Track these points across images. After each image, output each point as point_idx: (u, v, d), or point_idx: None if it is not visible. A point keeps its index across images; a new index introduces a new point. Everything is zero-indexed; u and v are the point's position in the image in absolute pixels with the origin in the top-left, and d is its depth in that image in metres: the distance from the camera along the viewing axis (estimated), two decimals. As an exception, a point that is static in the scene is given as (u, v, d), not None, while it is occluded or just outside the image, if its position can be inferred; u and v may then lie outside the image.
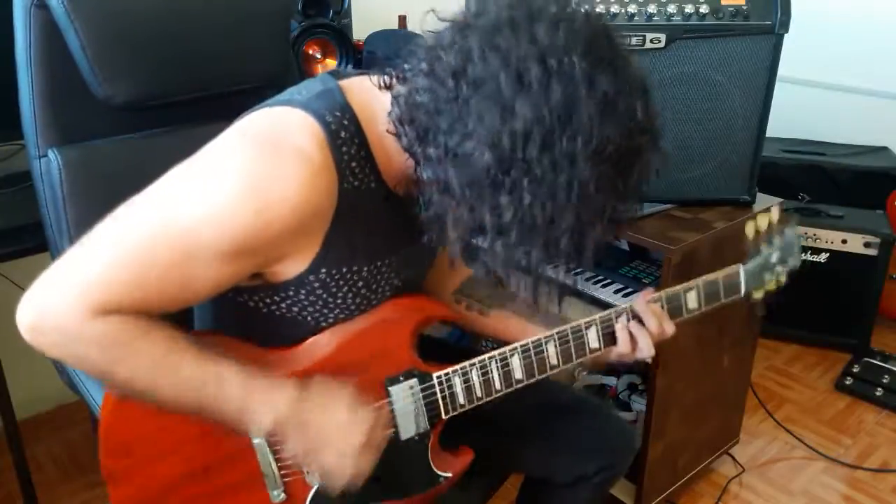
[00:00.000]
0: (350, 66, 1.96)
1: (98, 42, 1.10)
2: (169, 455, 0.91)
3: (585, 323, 1.04)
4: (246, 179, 0.78)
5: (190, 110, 1.24)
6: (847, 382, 2.33)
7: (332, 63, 1.98)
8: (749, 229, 1.12)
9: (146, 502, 0.92)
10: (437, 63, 0.78)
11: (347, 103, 0.86)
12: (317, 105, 0.84)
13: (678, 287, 1.08)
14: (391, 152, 0.87)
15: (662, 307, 1.07)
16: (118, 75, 1.13)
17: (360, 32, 2.07)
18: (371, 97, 0.87)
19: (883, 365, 2.39)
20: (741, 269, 1.10)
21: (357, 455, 0.89)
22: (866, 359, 2.42)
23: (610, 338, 1.05)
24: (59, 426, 2.14)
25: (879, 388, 2.29)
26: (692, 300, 1.08)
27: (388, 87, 0.86)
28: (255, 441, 0.93)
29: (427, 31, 0.83)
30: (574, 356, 1.04)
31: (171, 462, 0.91)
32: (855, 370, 2.38)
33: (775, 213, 1.13)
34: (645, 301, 1.06)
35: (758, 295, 1.13)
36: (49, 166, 1.13)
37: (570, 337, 1.03)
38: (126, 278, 0.78)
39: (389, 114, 0.83)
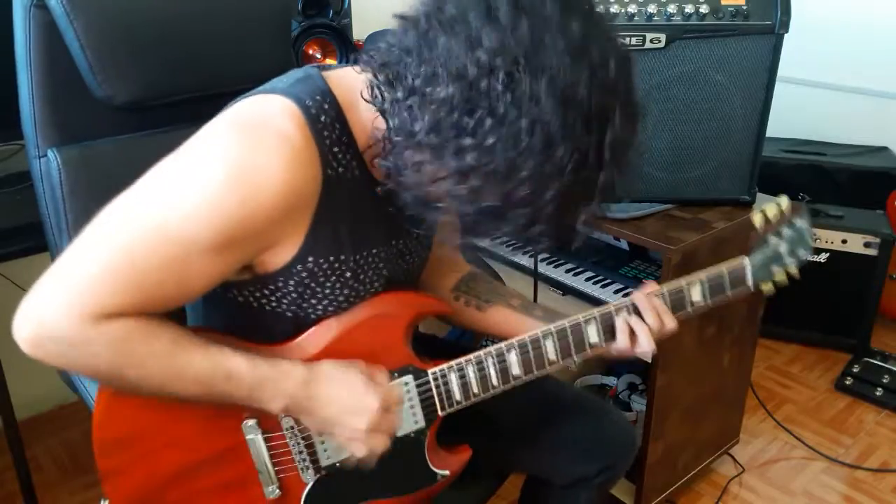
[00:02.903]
0: (350, 66, 1.95)
1: (97, 42, 1.10)
2: (163, 451, 0.91)
3: (585, 318, 1.02)
4: (229, 168, 0.78)
5: (190, 110, 1.23)
6: (847, 382, 2.33)
7: (331, 63, 1.98)
8: (757, 219, 1.08)
9: (141, 499, 0.92)
10: (411, 11, 0.78)
11: (328, 89, 0.86)
12: (296, 90, 0.84)
13: (681, 280, 1.05)
14: (373, 137, 0.86)
15: (665, 302, 1.04)
16: (117, 75, 1.13)
17: (360, 32, 2.07)
18: (354, 84, 0.86)
19: (883, 365, 2.39)
20: (747, 261, 1.07)
21: (367, 434, 0.90)
22: (866, 359, 2.43)
23: (610, 333, 1.03)
24: (59, 426, 2.14)
25: (879, 388, 2.29)
26: (696, 294, 1.05)
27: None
28: (249, 437, 0.93)
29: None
30: (573, 352, 1.02)
31: (165, 458, 0.91)
32: (855, 370, 2.38)
33: (785, 203, 1.09)
34: (646, 295, 1.03)
35: (767, 288, 1.10)
36: (49, 166, 1.13)
37: (569, 332, 1.01)
38: (121, 280, 0.77)
39: (363, 72, 0.82)
